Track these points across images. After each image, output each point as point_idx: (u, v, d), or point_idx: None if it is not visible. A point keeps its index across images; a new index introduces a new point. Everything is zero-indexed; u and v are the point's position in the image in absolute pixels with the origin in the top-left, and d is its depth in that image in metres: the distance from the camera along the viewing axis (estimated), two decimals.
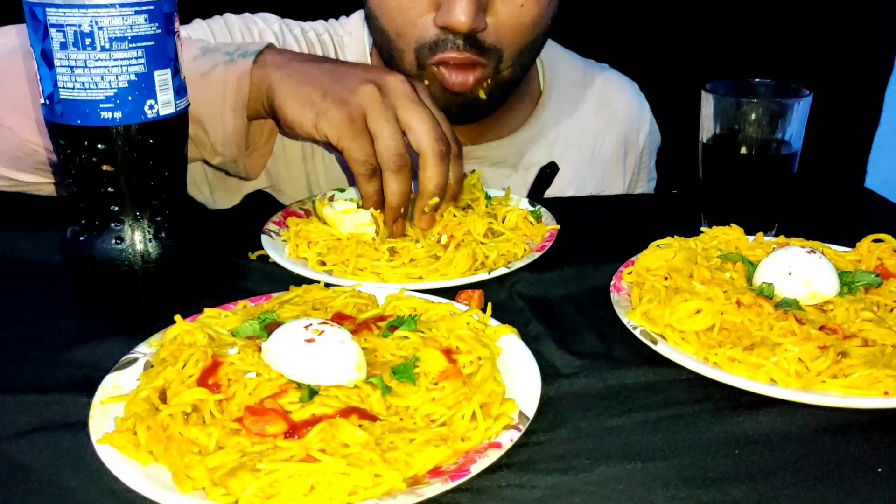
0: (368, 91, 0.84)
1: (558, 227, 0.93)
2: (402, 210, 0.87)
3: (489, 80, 1.02)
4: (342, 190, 1.01)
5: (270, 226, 0.92)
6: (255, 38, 1.12)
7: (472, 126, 1.16)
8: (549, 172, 1.18)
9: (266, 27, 1.13)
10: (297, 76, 0.87)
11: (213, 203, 1.13)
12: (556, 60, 1.25)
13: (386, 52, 1.06)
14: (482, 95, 1.03)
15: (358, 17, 1.19)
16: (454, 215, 0.90)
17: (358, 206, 0.89)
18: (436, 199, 0.87)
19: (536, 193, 1.18)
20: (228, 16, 1.13)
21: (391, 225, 0.88)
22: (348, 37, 1.19)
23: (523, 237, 0.90)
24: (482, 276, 0.81)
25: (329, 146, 0.87)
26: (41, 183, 0.98)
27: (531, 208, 0.98)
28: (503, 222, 0.92)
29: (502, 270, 0.83)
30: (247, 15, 1.15)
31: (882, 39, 1.85)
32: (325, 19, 1.22)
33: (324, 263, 0.84)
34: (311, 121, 0.85)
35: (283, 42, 1.13)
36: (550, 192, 1.20)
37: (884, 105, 1.90)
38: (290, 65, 0.88)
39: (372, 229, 0.87)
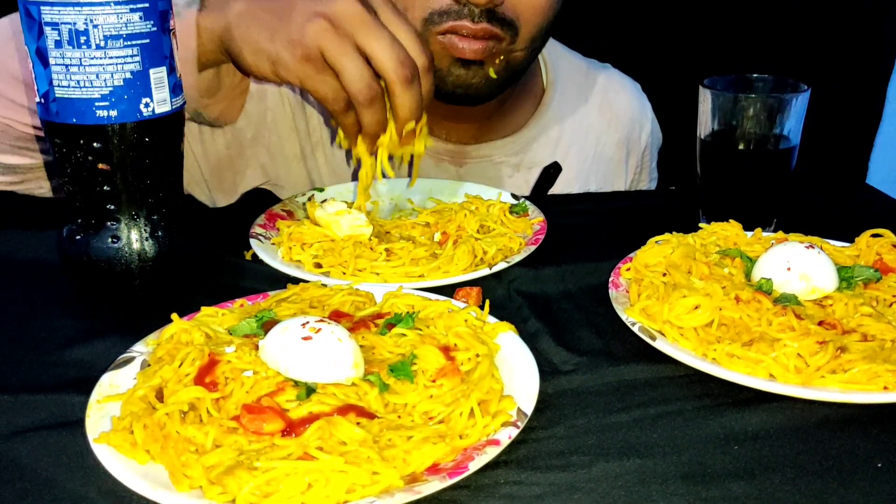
0: (318, 26, 0.79)
1: (543, 218, 0.93)
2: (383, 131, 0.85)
3: (502, 57, 1.01)
4: (321, 190, 1.01)
5: (257, 229, 0.90)
6: None
7: (474, 125, 1.15)
8: (552, 172, 1.18)
9: None
10: (245, 19, 0.83)
11: (213, 202, 1.12)
12: (558, 59, 1.25)
13: None
14: (492, 73, 1.01)
15: None
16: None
17: (350, 207, 0.89)
18: (411, 124, 0.84)
19: (539, 193, 1.18)
20: None
21: (369, 151, 0.86)
22: None
23: (513, 231, 0.90)
24: (484, 271, 0.81)
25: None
26: (26, 166, 0.97)
27: (514, 202, 0.98)
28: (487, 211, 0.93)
29: (502, 265, 0.82)
30: None
31: (884, 36, 1.85)
32: None
33: (319, 266, 0.83)
34: (268, 69, 0.83)
35: None
36: (552, 192, 1.20)
37: (886, 102, 1.90)
38: (238, 6, 0.84)
39: (369, 230, 0.86)
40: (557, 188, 1.20)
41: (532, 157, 1.20)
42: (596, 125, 1.26)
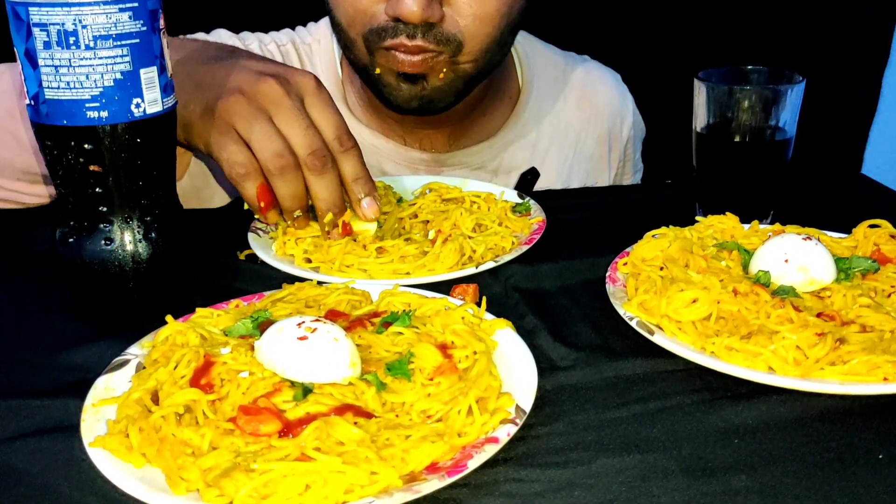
0: (234, 99, 0.79)
1: (542, 218, 0.92)
2: (303, 208, 0.83)
3: (446, 70, 0.98)
4: None
5: (258, 224, 0.91)
6: None
7: (448, 130, 1.13)
8: (529, 178, 1.16)
9: None
10: None
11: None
12: (534, 56, 1.22)
13: (343, 45, 1.03)
14: (435, 81, 0.98)
15: (326, 21, 1.14)
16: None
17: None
18: (330, 216, 0.82)
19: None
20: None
21: (292, 223, 0.84)
22: (316, 44, 1.16)
23: (509, 230, 0.90)
24: (470, 270, 0.81)
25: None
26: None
27: (519, 201, 0.98)
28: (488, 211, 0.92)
29: (490, 265, 0.82)
30: (199, 35, 1.12)
31: (879, 24, 1.84)
32: (316, 20, 1.20)
33: (310, 261, 0.83)
34: (181, 135, 0.82)
35: None
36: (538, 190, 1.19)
37: (881, 91, 1.90)
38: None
39: (373, 226, 0.86)
40: (539, 189, 1.18)
41: (510, 161, 1.18)
42: (575, 123, 1.23)
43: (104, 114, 0.68)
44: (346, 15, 0.98)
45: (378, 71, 0.99)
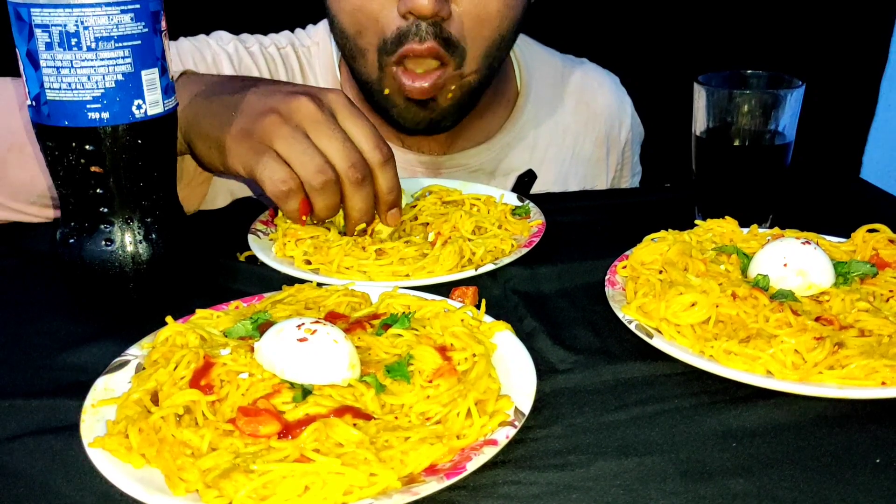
0: (270, 119, 0.80)
1: (541, 221, 0.92)
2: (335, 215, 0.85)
3: (453, 87, 1.00)
4: None
5: (258, 225, 0.91)
6: (208, 63, 1.10)
7: (446, 134, 1.13)
8: (526, 181, 1.17)
9: (220, 49, 1.11)
10: (202, 113, 0.84)
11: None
12: (532, 59, 1.23)
13: (349, 55, 1.03)
14: (444, 102, 1.01)
15: (325, 23, 1.15)
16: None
17: None
18: (362, 225, 0.85)
19: None
20: (182, 41, 1.11)
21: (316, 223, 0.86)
22: (315, 47, 1.16)
23: (509, 233, 0.90)
24: (469, 272, 0.81)
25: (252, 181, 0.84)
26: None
27: (519, 204, 0.98)
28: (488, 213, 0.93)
29: (489, 267, 0.82)
30: (200, 37, 1.13)
31: (877, 30, 1.85)
32: (315, 23, 1.20)
33: (309, 262, 0.83)
34: (218, 160, 0.83)
35: (238, 63, 1.11)
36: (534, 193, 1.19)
37: (879, 96, 1.91)
38: (196, 100, 0.85)
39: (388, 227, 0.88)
40: (537, 192, 1.19)
41: (508, 164, 1.19)
42: (573, 125, 1.24)
43: (105, 115, 0.68)
44: (355, 23, 0.98)
45: (387, 91, 1.00)
